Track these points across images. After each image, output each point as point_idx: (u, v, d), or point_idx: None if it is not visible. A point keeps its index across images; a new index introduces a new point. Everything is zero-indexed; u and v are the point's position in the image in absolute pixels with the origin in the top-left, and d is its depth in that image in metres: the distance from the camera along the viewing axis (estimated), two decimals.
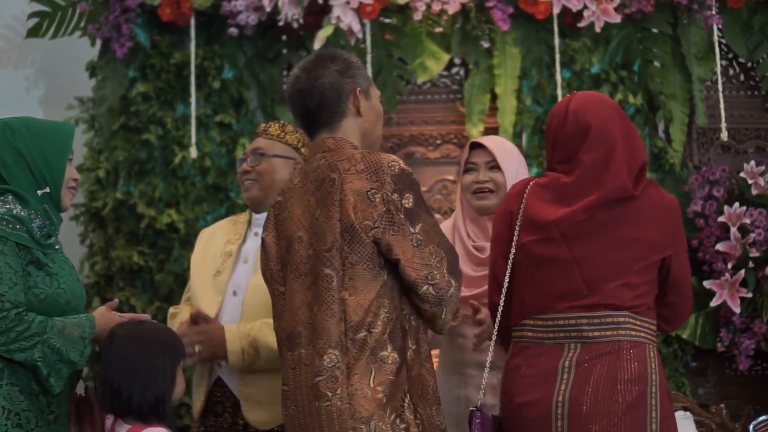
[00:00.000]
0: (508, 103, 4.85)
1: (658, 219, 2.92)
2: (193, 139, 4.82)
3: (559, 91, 4.80)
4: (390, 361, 2.67)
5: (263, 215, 3.41)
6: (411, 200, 2.74)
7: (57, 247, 2.96)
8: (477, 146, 3.42)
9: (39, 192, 2.92)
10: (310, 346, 2.70)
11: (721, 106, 4.82)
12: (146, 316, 3.03)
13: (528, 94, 4.90)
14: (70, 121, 3.09)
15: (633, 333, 2.85)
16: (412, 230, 2.71)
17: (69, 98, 5.15)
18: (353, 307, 2.68)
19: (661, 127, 5.02)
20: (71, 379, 2.89)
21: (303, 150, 3.47)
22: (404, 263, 2.69)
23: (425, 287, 2.69)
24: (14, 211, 2.84)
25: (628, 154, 2.93)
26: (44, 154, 2.93)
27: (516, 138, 4.85)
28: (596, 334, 2.84)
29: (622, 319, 2.85)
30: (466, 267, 3.29)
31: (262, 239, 2.93)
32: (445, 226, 3.48)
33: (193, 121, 4.83)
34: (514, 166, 3.39)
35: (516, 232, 2.96)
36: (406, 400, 2.68)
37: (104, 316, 2.93)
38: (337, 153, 2.81)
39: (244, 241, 3.48)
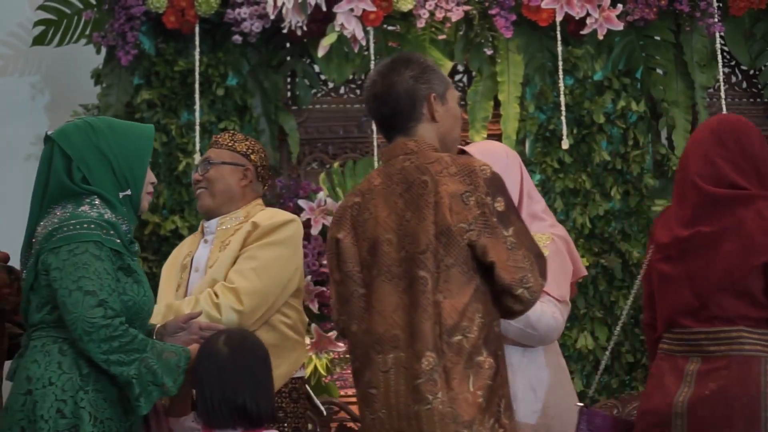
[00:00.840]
0: (511, 110, 4.86)
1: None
2: (197, 146, 4.84)
3: (562, 98, 4.81)
4: (486, 366, 2.67)
5: (212, 222, 3.48)
6: (503, 204, 2.73)
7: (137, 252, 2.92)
8: (463, 153, 3.32)
9: (120, 194, 2.85)
10: (409, 349, 2.69)
11: (724, 113, 4.83)
12: (220, 326, 3.00)
13: (531, 101, 4.92)
14: (150, 124, 3.03)
15: (747, 347, 2.88)
16: (505, 233, 2.70)
17: (74, 105, 5.17)
18: (448, 310, 2.67)
19: (663, 134, 5.03)
20: None
21: (252, 157, 3.51)
22: (499, 266, 2.67)
23: (520, 290, 2.68)
24: (105, 216, 2.77)
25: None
26: (127, 156, 2.86)
27: (519, 145, 4.87)
28: (713, 348, 2.91)
29: (735, 334, 2.90)
30: None
31: (337, 240, 2.88)
32: None
33: (198, 128, 4.85)
34: (499, 168, 3.34)
35: (649, 254, 3.15)
36: (502, 405, 2.69)
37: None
38: (422, 155, 2.80)
39: (196, 250, 3.51)
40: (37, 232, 2.81)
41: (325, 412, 4.10)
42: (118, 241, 2.77)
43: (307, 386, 3.74)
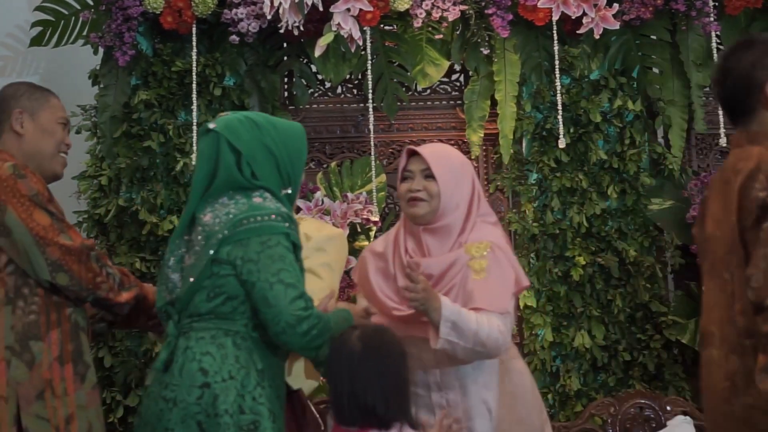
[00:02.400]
0: (508, 110, 4.87)
1: None
2: (195, 146, 4.85)
3: (559, 98, 4.82)
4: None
5: None
6: None
7: None
8: (414, 153, 3.28)
9: (282, 192, 2.86)
10: (722, 346, 2.65)
11: (720, 112, 4.84)
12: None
13: (528, 100, 4.93)
14: (300, 125, 3.02)
15: None
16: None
17: (72, 106, 5.15)
18: (747, 312, 2.57)
19: (660, 133, 5.04)
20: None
21: None
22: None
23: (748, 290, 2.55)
24: (281, 209, 2.77)
25: None
26: (290, 154, 2.88)
27: (516, 144, 4.88)
28: None
29: None
30: (403, 283, 3.09)
31: (693, 234, 2.86)
32: (386, 237, 3.38)
33: (195, 129, 4.85)
34: (451, 174, 3.23)
35: None
36: None
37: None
38: (744, 150, 2.66)
39: None
40: (204, 221, 2.78)
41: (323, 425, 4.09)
42: (296, 234, 2.77)
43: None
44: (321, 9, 4.77)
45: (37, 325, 2.88)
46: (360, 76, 5.06)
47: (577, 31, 4.87)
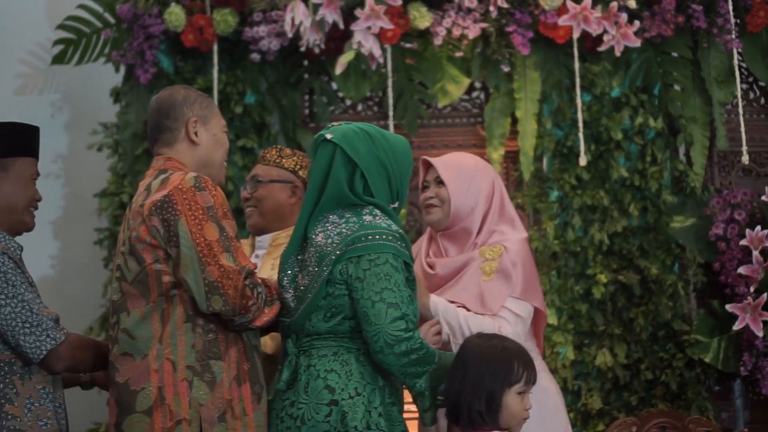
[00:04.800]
0: (529, 127, 4.86)
1: None
2: None
3: (580, 115, 4.81)
4: None
5: (264, 238, 3.48)
6: None
7: None
8: (430, 165, 3.37)
9: (390, 206, 2.84)
10: None
11: (742, 129, 4.82)
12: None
13: (548, 117, 4.92)
14: (405, 139, 2.98)
15: None
16: None
17: (93, 124, 5.21)
18: None
19: (682, 150, 5.02)
20: None
21: (301, 173, 3.49)
22: None
23: None
24: (393, 227, 2.76)
25: None
26: (401, 168, 2.86)
27: (537, 161, 4.86)
28: None
29: None
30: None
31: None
32: (417, 245, 3.44)
33: None
34: (461, 179, 3.30)
35: None
36: None
37: None
38: None
39: None
40: (317, 241, 2.77)
41: None
42: (408, 253, 2.75)
43: None
44: (342, 27, 4.78)
45: (217, 343, 2.77)
46: (380, 94, 5.06)
47: (598, 49, 4.86)
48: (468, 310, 3.16)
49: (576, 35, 4.81)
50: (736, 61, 4.88)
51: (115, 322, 2.81)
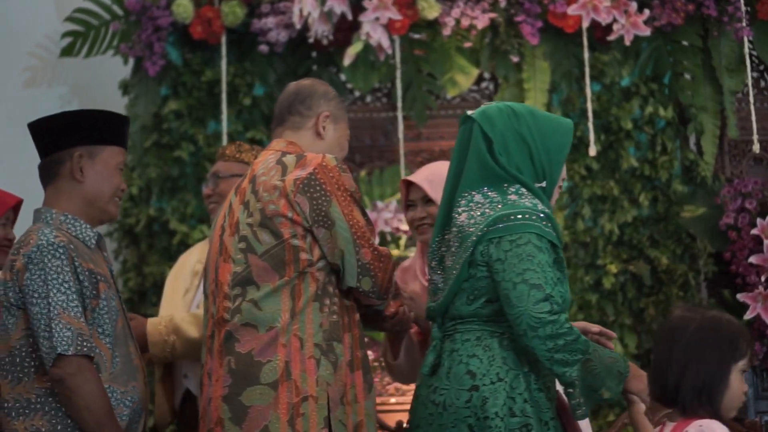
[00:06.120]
0: None
1: None
2: None
3: (589, 105, 4.79)
4: None
5: None
6: None
7: None
8: (411, 183, 3.26)
9: (536, 185, 2.76)
10: None
11: (753, 118, 4.80)
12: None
13: (558, 107, 4.91)
14: (569, 119, 2.92)
15: None
16: None
17: None
18: None
19: (692, 139, 5.00)
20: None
21: None
22: None
23: None
24: (539, 207, 2.68)
25: None
26: (547, 146, 2.77)
27: None
28: None
29: None
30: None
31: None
32: (408, 262, 3.40)
33: (225, 138, 4.86)
34: None
35: None
36: None
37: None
38: None
39: None
40: (459, 222, 2.73)
41: None
42: (554, 233, 2.67)
43: None
44: (350, 18, 4.77)
45: (339, 326, 2.75)
46: (389, 85, 5.05)
47: (608, 38, 4.84)
48: None
49: (585, 24, 4.79)
50: (746, 50, 4.86)
51: (238, 294, 2.75)
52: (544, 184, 2.77)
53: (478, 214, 2.70)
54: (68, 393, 2.67)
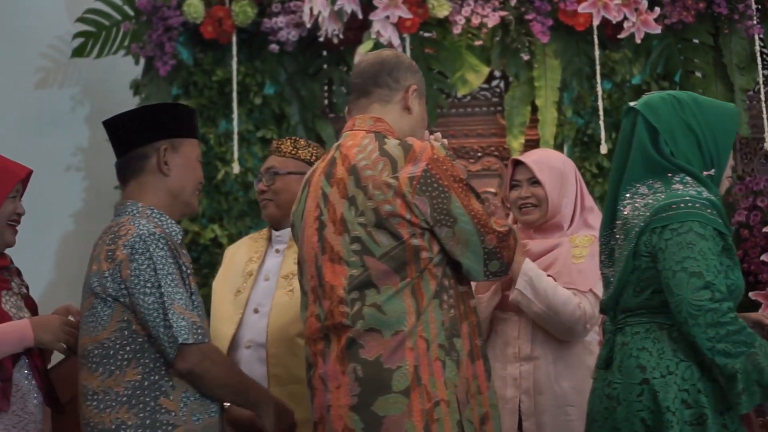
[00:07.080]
0: (549, 115, 4.84)
1: None
2: (236, 155, 4.86)
3: (600, 103, 4.79)
4: None
5: (283, 232, 3.40)
6: None
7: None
8: (519, 163, 3.43)
9: (704, 173, 2.71)
10: None
11: (764, 116, 4.79)
12: None
13: (569, 105, 4.90)
14: (733, 105, 2.89)
15: None
16: None
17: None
18: None
19: None
20: None
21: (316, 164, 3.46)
22: None
23: None
24: (704, 194, 2.63)
25: None
26: (714, 133, 2.72)
27: (557, 149, 4.84)
28: None
29: None
30: None
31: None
32: None
33: (236, 137, 4.87)
34: (555, 177, 3.39)
35: None
36: None
37: None
38: None
39: (264, 258, 3.45)
40: (624, 214, 2.71)
41: None
42: (720, 221, 2.62)
43: None
44: (360, 17, 4.77)
45: (456, 319, 2.69)
46: None
47: (618, 36, 4.83)
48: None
49: (596, 22, 4.78)
50: (757, 47, 4.85)
51: (356, 298, 2.65)
52: (712, 172, 2.73)
53: (642, 205, 2.67)
54: (199, 381, 2.65)
